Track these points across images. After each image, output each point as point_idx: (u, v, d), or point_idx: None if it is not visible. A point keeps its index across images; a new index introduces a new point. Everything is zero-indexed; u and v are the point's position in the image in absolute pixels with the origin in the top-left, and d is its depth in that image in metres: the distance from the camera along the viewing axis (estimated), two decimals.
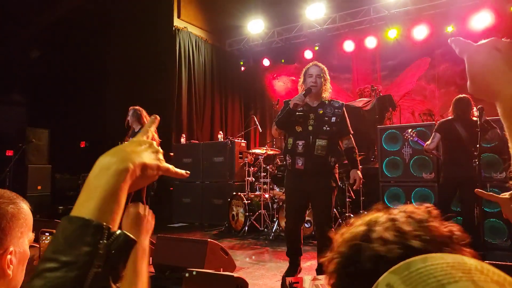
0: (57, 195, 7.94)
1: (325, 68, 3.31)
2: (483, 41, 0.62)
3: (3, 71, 8.23)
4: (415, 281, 0.38)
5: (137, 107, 5.65)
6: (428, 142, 4.29)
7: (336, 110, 3.25)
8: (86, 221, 0.52)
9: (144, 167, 0.63)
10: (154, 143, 0.69)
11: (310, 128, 3.17)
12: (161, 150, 0.70)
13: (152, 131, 0.75)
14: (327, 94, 3.27)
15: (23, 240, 0.90)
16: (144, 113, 5.83)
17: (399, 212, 0.58)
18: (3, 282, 0.85)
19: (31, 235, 0.94)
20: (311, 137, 3.14)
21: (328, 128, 3.16)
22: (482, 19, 7.19)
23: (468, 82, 0.63)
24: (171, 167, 0.72)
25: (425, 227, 0.54)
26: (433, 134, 4.29)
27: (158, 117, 0.78)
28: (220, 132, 7.97)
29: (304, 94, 3.14)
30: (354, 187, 3.29)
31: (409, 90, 8.92)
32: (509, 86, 0.56)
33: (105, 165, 0.59)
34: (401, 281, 0.39)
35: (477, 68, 0.61)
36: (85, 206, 0.55)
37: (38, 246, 2.21)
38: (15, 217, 0.88)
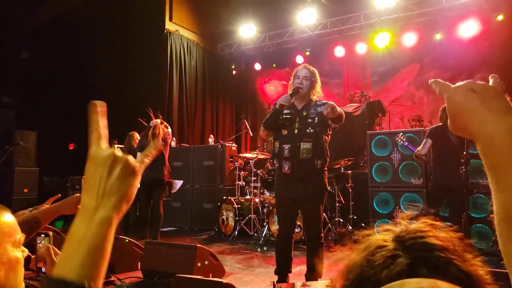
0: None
1: (316, 71, 3.22)
2: (460, 83, 0.66)
3: None
4: None
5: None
6: (419, 148, 4.35)
7: (319, 108, 3.10)
8: (67, 284, 0.49)
9: (129, 199, 0.59)
10: (126, 159, 0.63)
11: (296, 131, 3.10)
12: (134, 164, 0.63)
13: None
14: (315, 98, 3.19)
15: (5, 250, 0.89)
16: (135, 135, 6.36)
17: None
18: None
19: (17, 239, 0.93)
20: (296, 140, 3.08)
21: (312, 130, 3.07)
22: (470, 28, 7.33)
23: (448, 120, 0.65)
24: (141, 165, 0.66)
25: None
26: (424, 140, 4.35)
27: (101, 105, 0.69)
28: (211, 135, 7.94)
29: (290, 94, 3.08)
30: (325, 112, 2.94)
31: (398, 96, 9.03)
32: (485, 126, 0.58)
33: (89, 210, 0.55)
34: None
35: (456, 107, 0.63)
36: (68, 263, 0.52)
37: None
38: None
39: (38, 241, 1.74)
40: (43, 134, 7.88)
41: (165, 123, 5.47)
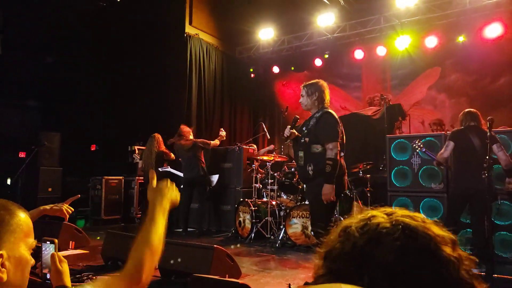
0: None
1: (313, 82, 3.49)
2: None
3: (18, 77, 8.41)
4: None
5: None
6: (441, 151, 4.22)
7: (313, 119, 3.42)
8: None
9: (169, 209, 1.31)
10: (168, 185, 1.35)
11: (298, 141, 3.51)
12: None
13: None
14: (315, 109, 3.44)
15: (18, 246, 0.92)
16: (159, 138, 6.75)
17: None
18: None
19: (31, 242, 0.96)
20: (296, 149, 3.51)
21: (303, 140, 3.40)
22: (494, 30, 7.15)
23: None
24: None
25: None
26: (446, 143, 4.22)
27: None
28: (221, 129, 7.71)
29: (290, 127, 3.45)
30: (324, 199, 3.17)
31: (419, 100, 8.87)
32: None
33: (160, 217, 1.17)
34: None
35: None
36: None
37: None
38: (5, 223, 0.90)
39: (44, 248, 1.78)
40: (66, 135, 8.11)
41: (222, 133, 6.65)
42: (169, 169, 7.04)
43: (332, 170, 3.16)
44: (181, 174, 6.61)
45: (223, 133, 6.70)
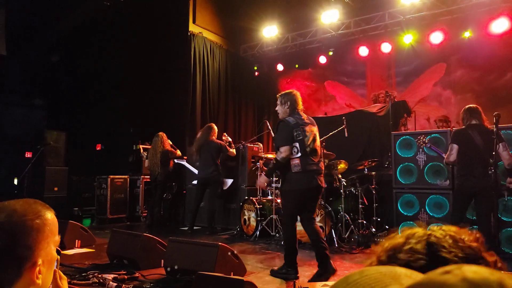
0: (73, 196, 8.10)
1: (283, 93, 3.88)
2: None
3: (24, 76, 8.47)
4: None
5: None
6: (447, 155, 4.22)
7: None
8: None
9: None
10: None
11: None
12: None
13: None
14: (286, 115, 3.80)
15: (49, 249, 0.94)
16: (163, 136, 6.75)
17: (439, 229, 0.62)
18: None
19: (57, 238, 0.98)
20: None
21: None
22: (500, 25, 7.07)
23: None
24: None
25: (463, 247, 0.57)
26: (450, 146, 4.19)
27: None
28: (224, 134, 7.61)
29: (266, 174, 4.00)
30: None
31: (424, 96, 8.81)
32: None
33: None
34: None
35: None
36: None
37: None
38: (40, 231, 0.91)
39: None
40: (72, 134, 8.16)
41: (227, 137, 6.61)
42: (185, 163, 7.05)
43: (273, 167, 3.94)
44: (195, 171, 6.62)
45: (226, 138, 6.70)
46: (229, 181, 6.67)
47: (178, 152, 6.86)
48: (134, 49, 8.74)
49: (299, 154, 3.61)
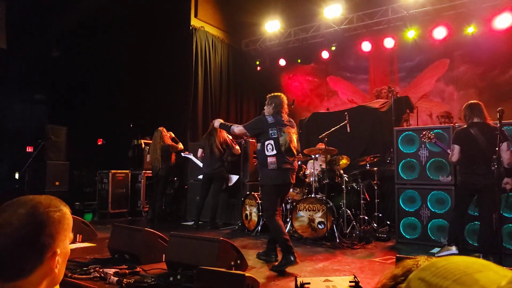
0: (74, 191, 8.11)
1: (271, 95, 4.21)
2: None
3: (25, 71, 8.45)
4: (444, 273, 0.47)
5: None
6: (450, 156, 4.21)
7: None
8: None
9: None
10: None
11: None
12: None
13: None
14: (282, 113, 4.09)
15: (66, 242, 1.01)
16: (164, 131, 6.76)
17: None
18: (51, 279, 0.96)
19: (71, 235, 1.05)
20: None
21: None
22: (504, 20, 7.02)
23: None
24: None
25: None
26: (452, 147, 4.18)
27: None
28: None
29: (221, 123, 4.54)
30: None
31: (427, 92, 8.77)
32: None
33: None
34: (432, 275, 0.48)
35: None
36: None
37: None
38: (60, 223, 0.98)
39: None
40: (73, 129, 8.15)
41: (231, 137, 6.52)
42: (191, 156, 7.04)
43: (226, 126, 4.44)
44: (201, 164, 6.62)
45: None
46: (235, 177, 6.66)
47: (180, 146, 6.85)
48: (136, 43, 8.71)
49: (274, 152, 3.89)
